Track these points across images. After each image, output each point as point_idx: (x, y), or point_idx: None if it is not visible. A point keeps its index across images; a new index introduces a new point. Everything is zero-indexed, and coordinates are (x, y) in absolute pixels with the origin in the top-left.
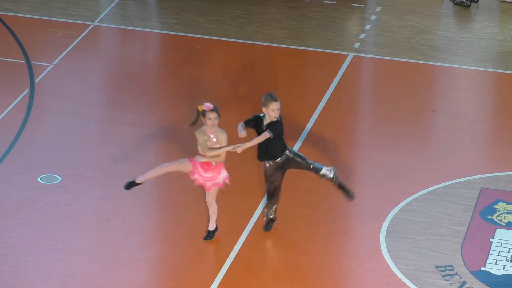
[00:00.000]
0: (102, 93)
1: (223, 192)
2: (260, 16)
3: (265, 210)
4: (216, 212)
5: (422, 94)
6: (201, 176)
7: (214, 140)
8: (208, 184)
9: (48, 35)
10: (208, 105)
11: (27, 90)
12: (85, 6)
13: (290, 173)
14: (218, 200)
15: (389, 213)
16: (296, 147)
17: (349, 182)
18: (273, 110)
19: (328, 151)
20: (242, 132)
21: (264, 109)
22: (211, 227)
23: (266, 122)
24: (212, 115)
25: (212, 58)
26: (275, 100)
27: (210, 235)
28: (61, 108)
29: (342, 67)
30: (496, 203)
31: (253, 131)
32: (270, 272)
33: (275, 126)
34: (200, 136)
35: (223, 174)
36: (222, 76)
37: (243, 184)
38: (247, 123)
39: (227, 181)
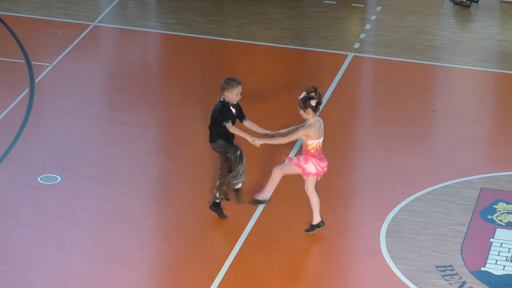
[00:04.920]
0: (102, 93)
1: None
2: (260, 16)
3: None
4: (315, 203)
5: (422, 94)
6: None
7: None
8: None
9: (48, 35)
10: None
11: (27, 90)
12: (85, 6)
13: None
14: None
15: (389, 213)
16: (296, 147)
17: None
18: (237, 94)
19: (328, 151)
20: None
21: (227, 93)
22: (315, 220)
23: (233, 107)
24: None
25: (212, 58)
26: (240, 83)
27: (313, 228)
28: (61, 108)
29: (342, 67)
30: (496, 203)
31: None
32: (270, 272)
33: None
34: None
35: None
36: (222, 76)
37: (243, 184)
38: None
39: (306, 173)
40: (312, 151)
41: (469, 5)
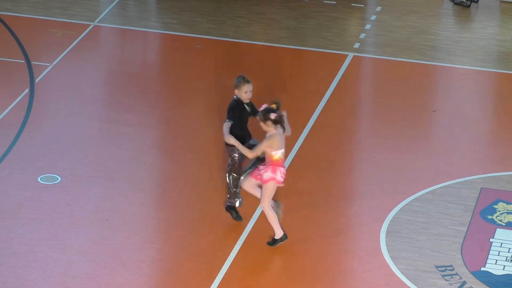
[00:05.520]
0: (102, 93)
1: (223, 192)
2: (260, 16)
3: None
4: (272, 218)
5: (422, 94)
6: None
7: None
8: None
9: (48, 35)
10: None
11: (27, 90)
12: (85, 6)
13: (290, 172)
14: (216, 200)
15: (389, 213)
16: (296, 147)
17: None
18: (245, 92)
19: (328, 151)
20: (230, 138)
21: (236, 91)
22: (276, 234)
23: (246, 105)
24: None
25: (212, 58)
26: (248, 82)
27: (275, 242)
28: (61, 108)
29: (342, 67)
30: (496, 203)
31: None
32: (270, 272)
33: (254, 106)
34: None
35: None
36: (222, 77)
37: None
38: (234, 118)
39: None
40: (279, 161)
41: (469, 5)
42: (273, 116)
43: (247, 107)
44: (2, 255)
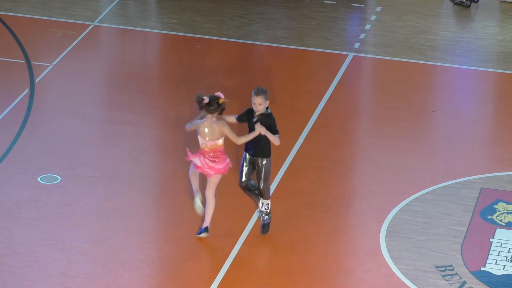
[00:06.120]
0: (102, 93)
1: (223, 193)
2: (260, 16)
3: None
4: (211, 207)
5: (422, 94)
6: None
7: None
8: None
9: (48, 35)
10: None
11: (27, 90)
12: (85, 6)
13: (290, 172)
14: (217, 200)
15: (389, 213)
16: (296, 147)
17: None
18: (253, 104)
19: (328, 151)
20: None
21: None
22: (206, 222)
23: (256, 114)
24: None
25: (212, 58)
26: (256, 94)
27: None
28: (61, 108)
29: (342, 67)
30: (496, 203)
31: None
32: (270, 272)
33: (266, 120)
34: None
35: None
36: (222, 76)
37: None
38: (240, 118)
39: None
40: (203, 149)
41: (469, 5)
42: (203, 98)
43: (255, 117)
44: (2, 255)
